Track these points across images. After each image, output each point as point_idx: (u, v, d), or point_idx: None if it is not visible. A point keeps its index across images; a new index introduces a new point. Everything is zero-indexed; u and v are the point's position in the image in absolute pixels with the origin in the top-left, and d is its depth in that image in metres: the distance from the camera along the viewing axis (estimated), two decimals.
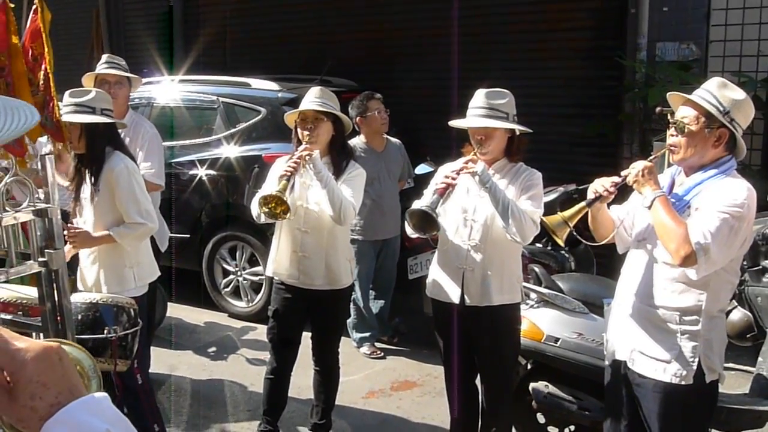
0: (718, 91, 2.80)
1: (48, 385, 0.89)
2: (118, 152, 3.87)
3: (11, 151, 2.42)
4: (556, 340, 4.05)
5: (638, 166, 2.85)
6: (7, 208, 2.45)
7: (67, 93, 3.83)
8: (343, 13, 8.53)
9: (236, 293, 6.60)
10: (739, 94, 2.83)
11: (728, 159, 2.86)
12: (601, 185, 2.94)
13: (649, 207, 2.77)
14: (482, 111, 3.53)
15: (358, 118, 5.49)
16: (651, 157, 3.06)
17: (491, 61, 7.36)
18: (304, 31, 8.79)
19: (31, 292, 2.86)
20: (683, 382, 2.83)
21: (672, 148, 2.87)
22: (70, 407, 0.87)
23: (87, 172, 3.79)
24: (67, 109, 3.71)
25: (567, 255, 5.40)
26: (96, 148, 3.78)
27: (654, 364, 2.90)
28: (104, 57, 5.13)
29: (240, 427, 4.62)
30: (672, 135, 2.87)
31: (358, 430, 4.62)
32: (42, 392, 0.88)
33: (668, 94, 3.04)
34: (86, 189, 3.80)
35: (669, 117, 2.96)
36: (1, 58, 2.34)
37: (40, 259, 2.54)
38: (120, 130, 4.44)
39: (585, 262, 5.57)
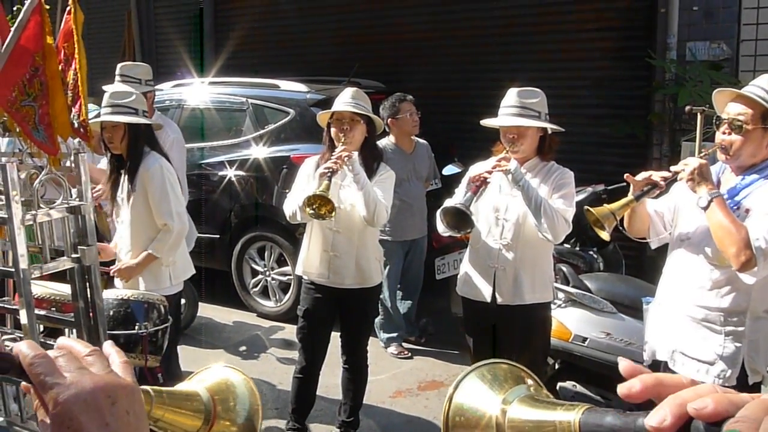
0: None
1: (84, 431, 0.77)
2: (154, 152, 3.92)
3: (45, 149, 2.44)
4: (584, 339, 4.03)
5: (692, 163, 2.75)
6: (41, 206, 2.48)
7: (107, 94, 3.90)
8: (371, 15, 8.54)
9: (265, 293, 6.62)
10: None
11: None
12: (653, 178, 2.87)
13: (705, 207, 2.67)
14: (515, 110, 3.51)
15: (389, 119, 5.49)
16: (702, 154, 2.96)
17: (520, 62, 7.32)
18: (331, 34, 8.81)
19: (64, 289, 2.90)
20: (726, 384, 2.74)
21: (723, 146, 2.77)
22: None
23: (125, 172, 3.86)
24: (108, 110, 3.80)
25: (595, 255, 5.35)
26: (137, 148, 3.86)
27: (696, 365, 2.84)
28: (121, 66, 5.16)
29: (268, 424, 4.63)
30: (725, 133, 2.76)
31: (385, 428, 4.61)
32: None
33: (716, 90, 2.92)
34: (123, 189, 3.86)
35: (719, 115, 2.83)
36: (37, 59, 2.36)
37: (74, 256, 2.56)
38: None
39: (613, 262, 5.51)
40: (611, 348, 3.87)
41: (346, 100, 3.91)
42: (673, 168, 2.85)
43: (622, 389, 0.69)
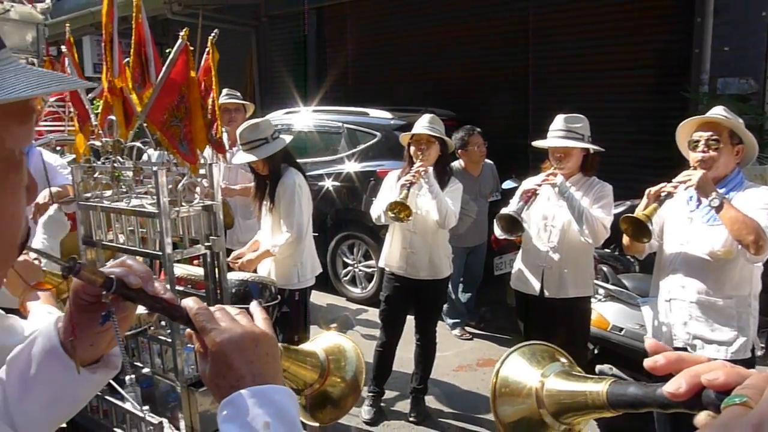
0: (729, 113, 2.77)
1: (233, 367, 0.81)
2: (292, 168, 3.87)
3: (187, 160, 2.53)
4: (621, 329, 3.93)
5: (697, 173, 2.70)
6: (183, 204, 2.58)
7: (241, 129, 3.80)
8: (444, 55, 8.55)
9: (353, 281, 6.69)
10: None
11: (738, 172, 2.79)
12: (671, 186, 2.80)
13: (719, 207, 2.61)
14: (561, 132, 3.47)
15: (459, 150, 5.44)
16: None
17: (568, 95, 7.19)
18: (411, 71, 8.87)
19: (196, 271, 3.00)
20: (741, 357, 2.71)
21: (704, 160, 2.75)
22: (242, 392, 0.79)
23: (267, 188, 3.85)
24: (245, 148, 3.71)
25: (631, 259, 5.20)
26: (275, 169, 3.80)
27: (716, 347, 2.76)
28: (224, 90, 5.14)
29: None
30: (703, 151, 2.75)
31: (449, 396, 4.60)
32: (226, 372, 0.81)
33: (682, 123, 2.92)
34: (267, 201, 3.86)
35: (693, 138, 2.84)
36: (183, 89, 2.46)
37: (206, 244, 2.62)
38: (234, 148, 4.55)
39: (648, 266, 5.33)
40: (643, 338, 3.76)
41: (424, 124, 3.94)
42: (678, 178, 2.77)
43: (648, 362, 0.69)
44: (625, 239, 3.03)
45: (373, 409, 4.25)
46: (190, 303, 0.88)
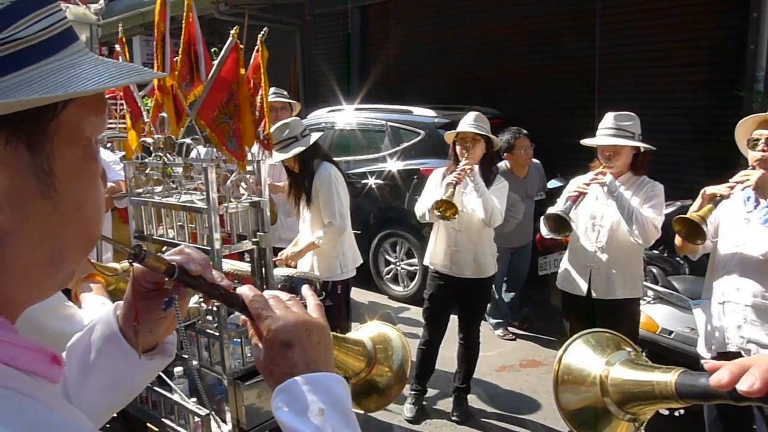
0: None
1: (287, 354, 0.82)
2: (325, 162, 3.94)
3: (236, 156, 2.55)
4: (670, 332, 3.83)
5: (755, 173, 2.63)
6: (231, 200, 2.61)
7: (276, 127, 3.84)
8: (489, 53, 8.47)
9: (395, 279, 6.69)
10: None
11: None
12: (726, 187, 2.74)
13: None
14: (611, 131, 3.40)
15: (505, 153, 5.37)
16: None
17: (617, 93, 7.03)
18: (455, 69, 8.81)
19: (243, 266, 3.03)
20: None
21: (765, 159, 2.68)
22: (297, 379, 0.80)
23: (303, 184, 3.90)
24: (276, 147, 3.74)
25: (681, 261, 5.06)
26: (307, 166, 3.87)
27: None
28: (272, 89, 5.17)
29: None
30: (763, 150, 2.68)
31: (492, 396, 4.56)
32: (280, 359, 0.82)
33: (741, 121, 2.81)
34: (303, 198, 3.93)
35: (753, 137, 2.75)
36: (232, 86, 2.49)
37: (253, 240, 2.66)
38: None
39: (698, 268, 5.18)
40: (694, 341, 3.65)
41: (469, 122, 3.91)
42: (735, 178, 2.70)
43: (713, 382, 0.68)
44: (678, 240, 2.95)
45: (416, 407, 4.24)
46: (245, 290, 0.90)
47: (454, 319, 4.27)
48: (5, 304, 0.57)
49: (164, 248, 2.80)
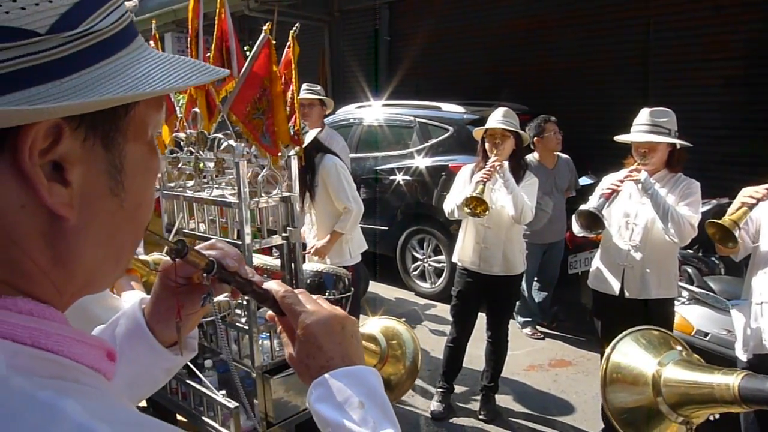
0: None
1: (323, 348, 0.83)
2: (327, 155, 4.01)
3: (269, 151, 2.57)
4: (706, 334, 3.75)
5: None
6: (262, 195, 2.63)
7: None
8: (518, 48, 8.38)
9: (422, 276, 6.67)
10: None
11: None
12: (763, 189, 2.67)
13: None
14: (647, 127, 3.34)
15: (535, 138, 5.36)
16: None
17: (651, 88, 6.92)
18: (485, 64, 8.74)
19: (271, 261, 3.04)
20: None
21: None
22: (334, 372, 0.81)
23: (305, 179, 3.95)
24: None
25: (717, 261, 4.95)
26: (310, 160, 3.91)
27: None
28: (303, 85, 5.22)
29: (422, 382, 4.69)
30: None
31: (520, 395, 4.52)
32: (316, 353, 0.83)
33: None
34: (307, 197, 3.99)
35: None
36: (265, 82, 2.50)
37: (283, 235, 2.67)
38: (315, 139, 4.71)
39: (734, 269, 5.07)
40: (731, 344, 3.57)
41: (498, 118, 3.88)
42: None
43: None
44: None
45: (443, 405, 4.23)
46: (275, 286, 0.91)
47: (482, 317, 4.25)
48: (61, 297, 0.57)
49: (195, 242, 2.84)
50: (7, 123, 0.46)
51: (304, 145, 3.78)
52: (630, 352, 0.89)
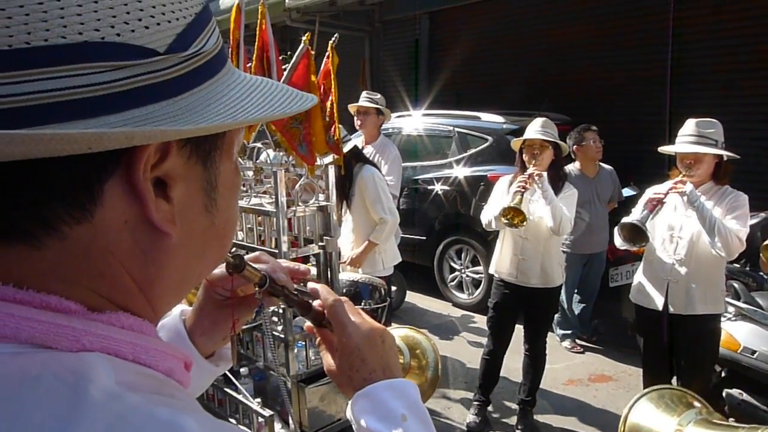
0: None
1: (366, 360, 0.85)
2: (366, 165, 4.05)
3: (306, 161, 2.58)
4: (753, 352, 3.61)
5: None
6: (299, 204, 2.65)
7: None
8: (558, 59, 8.27)
9: (459, 287, 6.62)
10: None
11: None
12: None
13: None
14: (692, 138, 3.25)
15: (575, 146, 5.29)
16: None
17: (696, 98, 6.73)
18: (525, 74, 8.66)
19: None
20: None
21: None
22: (377, 385, 0.83)
23: (344, 188, 3.99)
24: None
25: (765, 276, 4.77)
26: (348, 170, 3.95)
27: None
28: (363, 93, 5.34)
29: (458, 394, 4.64)
30: None
31: (559, 410, 4.43)
32: (359, 365, 0.85)
33: None
34: (345, 206, 4.04)
35: None
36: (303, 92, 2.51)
37: (320, 244, 2.69)
38: (370, 147, 4.87)
39: None
40: None
41: (536, 128, 3.82)
42: None
43: None
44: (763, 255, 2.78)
45: (479, 418, 4.17)
46: (323, 291, 0.92)
47: (519, 329, 4.18)
48: (154, 313, 0.58)
49: (233, 249, 2.86)
50: (128, 143, 0.47)
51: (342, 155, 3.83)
52: (647, 413, 0.85)
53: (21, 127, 0.43)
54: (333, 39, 2.71)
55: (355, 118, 5.19)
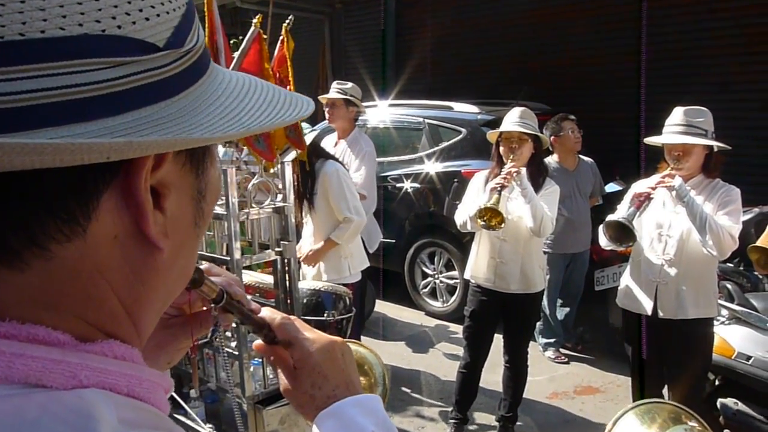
0: None
1: (328, 377, 0.86)
2: (329, 160, 4.04)
3: (264, 156, 2.55)
4: (748, 358, 3.69)
5: None
6: (253, 205, 2.61)
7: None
8: (537, 44, 8.37)
9: (433, 294, 6.64)
10: None
11: None
12: None
13: None
14: (681, 128, 3.31)
15: (552, 137, 5.35)
16: None
17: (684, 85, 6.87)
18: (501, 60, 8.74)
19: (266, 279, 3.02)
20: None
21: None
22: (344, 402, 0.84)
23: (305, 186, 3.99)
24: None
25: (760, 276, 4.89)
26: (311, 162, 3.95)
27: None
28: (333, 83, 5.31)
29: (433, 412, 4.65)
30: None
31: (542, 427, 4.47)
32: (321, 382, 0.86)
33: None
34: (305, 205, 4.03)
35: None
36: None
37: (277, 249, 2.65)
38: (342, 142, 4.87)
39: None
40: None
41: (514, 119, 3.84)
42: None
43: None
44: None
45: None
46: (269, 313, 0.92)
47: (498, 339, 4.21)
48: (140, 339, 0.57)
49: None
50: (140, 153, 0.46)
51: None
52: (632, 430, 0.86)
53: (12, 132, 0.41)
54: (287, 21, 2.69)
55: (325, 110, 5.16)
